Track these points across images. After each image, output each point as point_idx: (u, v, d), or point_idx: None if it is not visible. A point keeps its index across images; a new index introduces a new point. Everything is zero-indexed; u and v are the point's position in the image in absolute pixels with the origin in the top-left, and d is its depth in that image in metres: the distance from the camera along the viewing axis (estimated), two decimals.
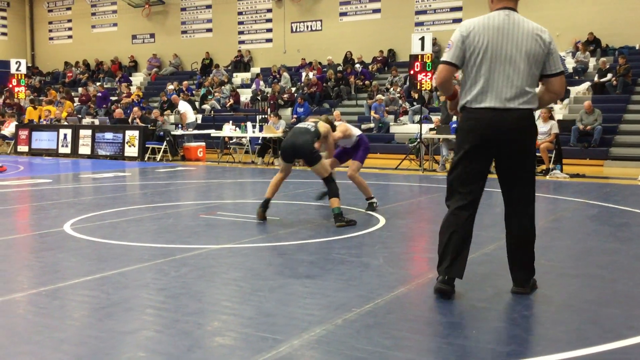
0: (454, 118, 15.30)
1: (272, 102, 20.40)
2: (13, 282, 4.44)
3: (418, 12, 21.96)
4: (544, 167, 12.56)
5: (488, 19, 3.90)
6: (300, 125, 7.04)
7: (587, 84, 17.57)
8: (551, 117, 12.97)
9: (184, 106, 18.21)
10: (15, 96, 21.56)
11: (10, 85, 21.46)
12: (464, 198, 3.94)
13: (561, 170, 12.25)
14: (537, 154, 12.60)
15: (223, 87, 22.97)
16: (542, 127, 12.61)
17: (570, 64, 18.67)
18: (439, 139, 13.83)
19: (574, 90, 17.43)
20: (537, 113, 14.42)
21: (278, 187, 7.00)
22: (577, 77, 18.23)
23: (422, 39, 13.89)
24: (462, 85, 4.01)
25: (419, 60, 13.84)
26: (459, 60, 3.92)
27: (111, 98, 22.82)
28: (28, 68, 26.98)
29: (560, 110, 16.53)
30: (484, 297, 4.00)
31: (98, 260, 4.99)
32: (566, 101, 16.93)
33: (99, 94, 22.50)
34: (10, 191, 9.92)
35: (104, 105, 22.01)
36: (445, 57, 3.95)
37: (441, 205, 8.50)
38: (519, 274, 4.04)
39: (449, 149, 13.89)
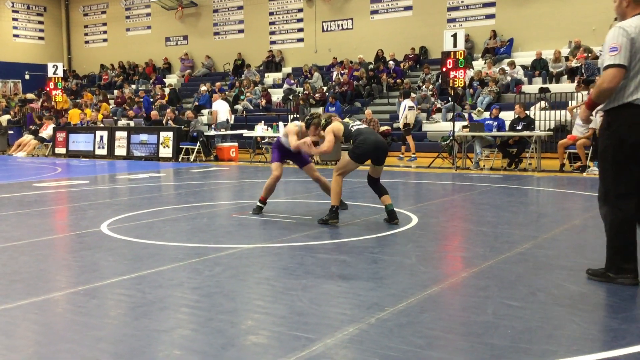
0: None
1: (296, 104, 20.23)
2: (52, 282, 4.54)
3: (450, 9, 21.74)
4: (580, 164, 12.31)
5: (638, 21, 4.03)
6: (364, 126, 6.81)
7: None
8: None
9: (216, 105, 18.37)
10: (53, 99, 22.01)
11: (48, 89, 21.91)
12: (630, 195, 4.24)
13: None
14: (574, 151, 12.37)
15: (255, 87, 23.11)
16: (581, 122, 12.31)
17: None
18: (472, 136, 13.68)
19: None
20: (579, 109, 14.10)
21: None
22: None
23: (455, 35, 13.75)
24: (625, 84, 4.06)
25: (452, 57, 13.69)
26: (629, 62, 4.02)
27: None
28: (65, 71, 27.54)
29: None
30: (519, 296, 3.96)
31: (134, 260, 5.08)
32: None
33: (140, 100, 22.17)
34: (48, 192, 10.15)
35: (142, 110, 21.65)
36: (617, 60, 4.00)
37: (475, 203, 8.47)
38: None
39: (483, 146, 13.73)
